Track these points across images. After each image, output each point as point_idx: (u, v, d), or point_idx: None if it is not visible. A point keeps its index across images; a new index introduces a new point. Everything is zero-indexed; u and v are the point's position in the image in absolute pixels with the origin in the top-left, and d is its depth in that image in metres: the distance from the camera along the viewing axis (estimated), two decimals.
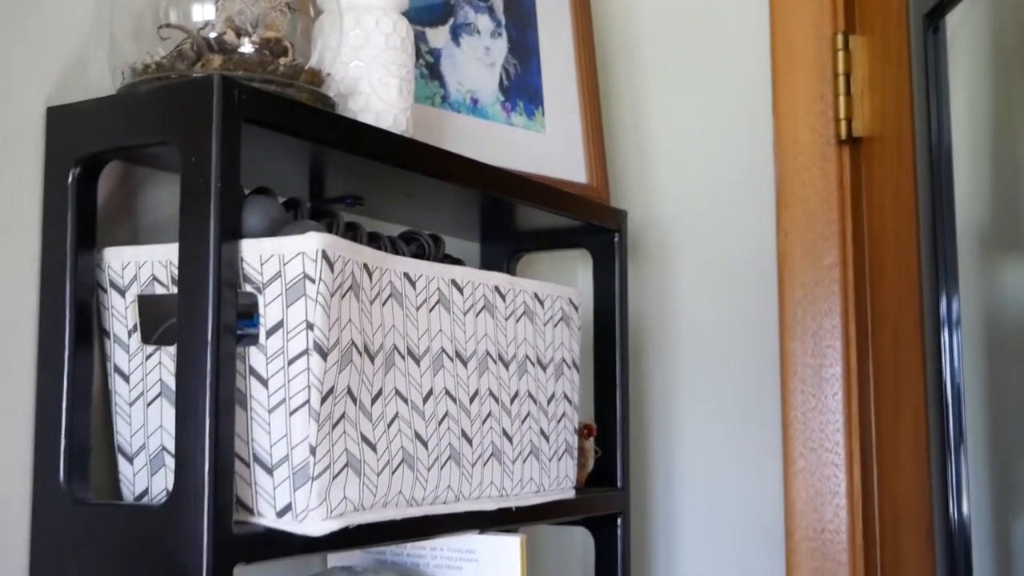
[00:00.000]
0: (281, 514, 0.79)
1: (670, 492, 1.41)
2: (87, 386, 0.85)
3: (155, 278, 0.83)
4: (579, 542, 1.41)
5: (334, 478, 0.80)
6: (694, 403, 1.42)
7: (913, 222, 1.38)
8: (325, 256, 0.78)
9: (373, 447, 0.84)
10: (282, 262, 0.78)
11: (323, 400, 0.78)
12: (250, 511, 0.80)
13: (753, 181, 1.40)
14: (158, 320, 0.84)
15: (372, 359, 0.84)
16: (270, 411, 0.79)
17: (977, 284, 1.93)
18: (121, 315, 0.85)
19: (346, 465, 0.81)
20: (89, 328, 0.85)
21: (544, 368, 1.06)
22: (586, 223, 1.20)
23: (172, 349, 0.83)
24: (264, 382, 0.79)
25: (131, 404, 0.85)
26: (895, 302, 1.39)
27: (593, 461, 1.21)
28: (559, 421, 1.08)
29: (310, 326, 0.77)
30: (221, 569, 0.75)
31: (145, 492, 0.85)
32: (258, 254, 0.79)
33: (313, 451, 0.78)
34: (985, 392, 1.90)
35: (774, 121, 1.38)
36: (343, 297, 0.80)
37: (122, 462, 0.86)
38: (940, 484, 1.51)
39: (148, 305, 0.84)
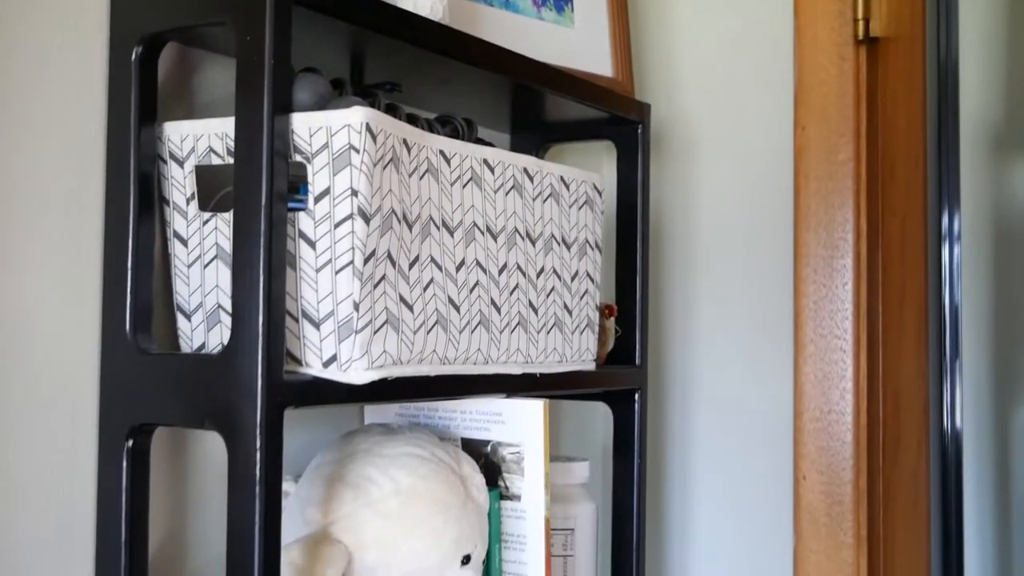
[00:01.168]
0: (327, 364, 0.87)
1: (686, 372, 1.49)
2: (149, 250, 0.93)
3: (212, 149, 0.91)
4: (599, 417, 1.50)
5: (375, 332, 0.88)
6: (711, 288, 1.49)
7: (921, 120, 1.44)
8: (369, 129, 0.85)
9: (410, 307, 0.92)
10: (329, 134, 0.85)
11: (366, 261, 0.86)
12: (298, 362, 0.88)
13: (773, 79, 1.46)
14: (214, 188, 0.91)
15: (410, 227, 0.92)
16: (317, 270, 0.86)
17: (982, 180, 1.99)
18: (180, 184, 0.93)
19: (386, 322, 0.89)
20: (151, 196, 0.93)
21: (568, 247, 1.13)
22: (611, 114, 1.27)
23: (228, 215, 0.90)
24: (312, 244, 0.86)
25: (189, 266, 0.93)
26: (904, 196, 1.45)
27: (613, 340, 1.29)
28: (582, 298, 1.16)
29: (354, 193, 0.85)
30: (273, 412, 0.83)
31: (202, 346, 0.93)
32: (307, 126, 0.86)
33: (356, 307, 0.86)
34: (986, 281, 1.96)
35: (795, 20, 1.44)
36: (384, 168, 0.88)
37: (180, 319, 0.95)
38: (936, 368, 1.59)
39: (205, 174, 0.91)
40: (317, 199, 0.86)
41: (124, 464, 0.90)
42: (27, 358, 0.90)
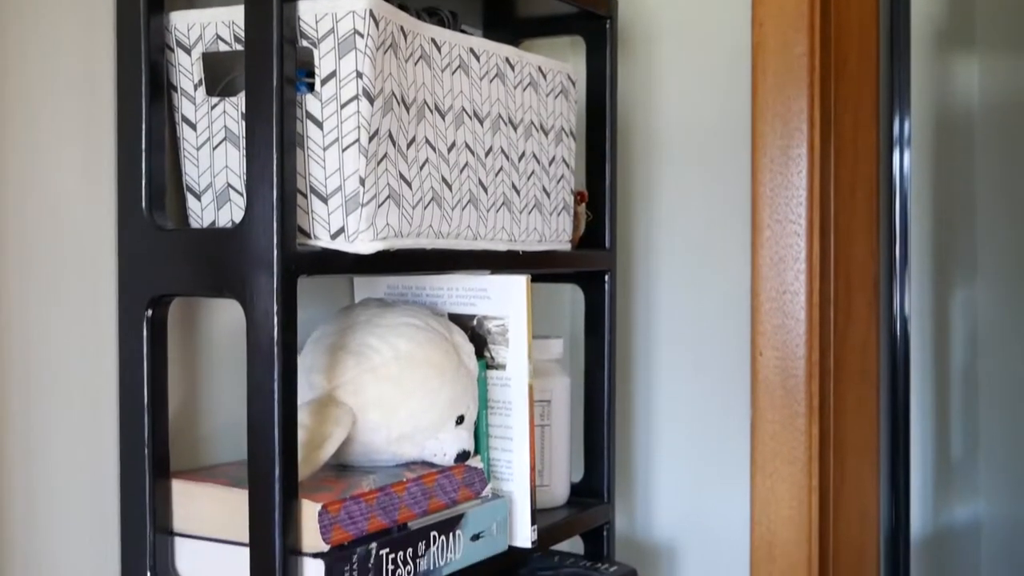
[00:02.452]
0: (335, 236, 0.94)
1: (650, 255, 1.58)
2: (161, 133, 0.98)
3: (219, 37, 0.96)
4: (567, 302, 1.59)
5: (379, 206, 0.95)
6: (673, 177, 1.57)
7: (874, 17, 1.52)
8: (372, 15, 0.91)
9: (409, 184, 0.99)
10: (335, 20, 0.91)
11: (370, 139, 0.92)
12: (308, 235, 0.95)
13: None
14: (221, 74, 0.97)
15: (407, 109, 0.99)
16: (325, 149, 0.93)
17: (930, 75, 2.08)
18: (187, 71, 0.98)
19: (388, 197, 0.96)
20: (161, 83, 0.98)
21: (546, 134, 1.21)
22: (581, 9, 1.33)
23: (235, 99, 0.96)
24: (319, 124, 0.93)
25: (198, 149, 0.99)
26: (857, 88, 1.54)
27: (585, 224, 1.37)
28: (558, 182, 1.23)
29: (359, 75, 0.91)
30: (288, 279, 0.90)
31: (212, 224, 1.00)
32: (313, 13, 0.92)
33: (362, 182, 0.93)
34: (931, 168, 2.07)
35: None
36: (385, 53, 0.94)
37: (191, 199, 1.01)
38: (887, 249, 1.69)
39: (212, 61, 0.97)
40: (324, 82, 0.92)
41: (144, 333, 0.96)
42: (48, 237, 0.96)
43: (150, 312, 0.96)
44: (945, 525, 2.05)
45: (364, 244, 0.94)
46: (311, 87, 0.93)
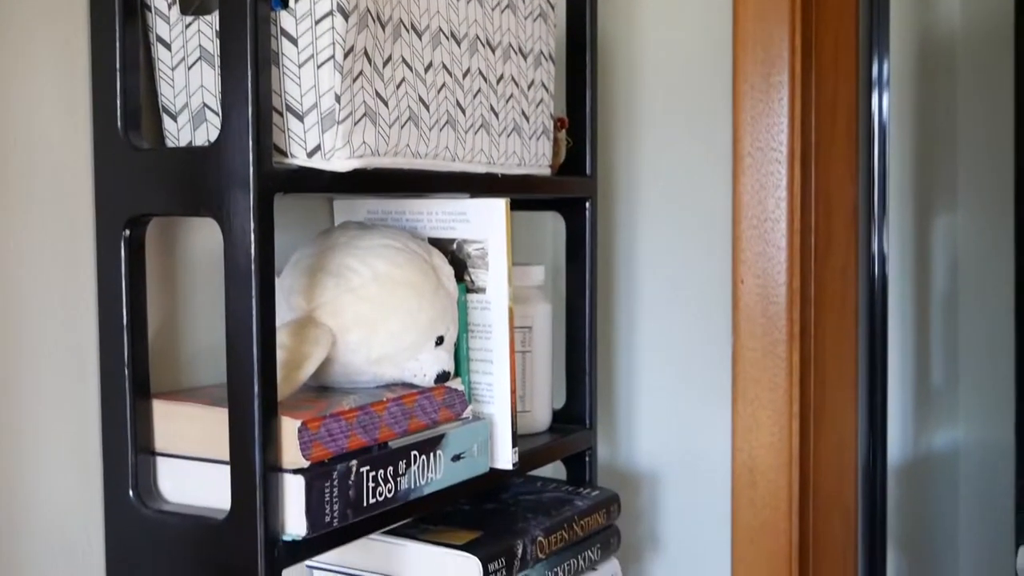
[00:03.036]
0: (311, 154, 0.94)
1: (631, 183, 1.58)
2: (135, 54, 0.98)
3: None
4: (548, 232, 1.59)
5: (355, 124, 0.95)
6: (652, 105, 1.56)
7: None
8: None
9: (385, 103, 0.99)
10: None
11: (345, 56, 0.92)
12: (284, 154, 0.95)
13: None
14: None
15: (383, 27, 0.98)
16: (300, 66, 0.92)
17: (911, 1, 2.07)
18: None
19: (364, 115, 0.96)
20: (135, 3, 0.98)
21: (525, 57, 1.20)
22: None
23: (209, 18, 0.96)
24: (294, 41, 0.92)
25: (173, 69, 0.99)
26: (837, 12, 1.53)
27: (565, 152, 1.36)
28: (537, 106, 1.23)
29: None
30: (264, 198, 0.90)
31: (189, 144, 0.99)
32: None
33: (338, 99, 0.92)
34: (912, 95, 2.06)
35: None
36: None
37: (167, 120, 1.00)
38: (867, 177, 1.70)
39: None
40: None
41: (122, 253, 0.96)
42: (23, 160, 0.95)
43: (127, 232, 0.96)
44: (924, 451, 2.07)
45: (340, 162, 0.94)
46: (285, 3, 0.92)
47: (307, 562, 1.20)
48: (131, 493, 0.97)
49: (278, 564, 0.92)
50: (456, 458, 1.10)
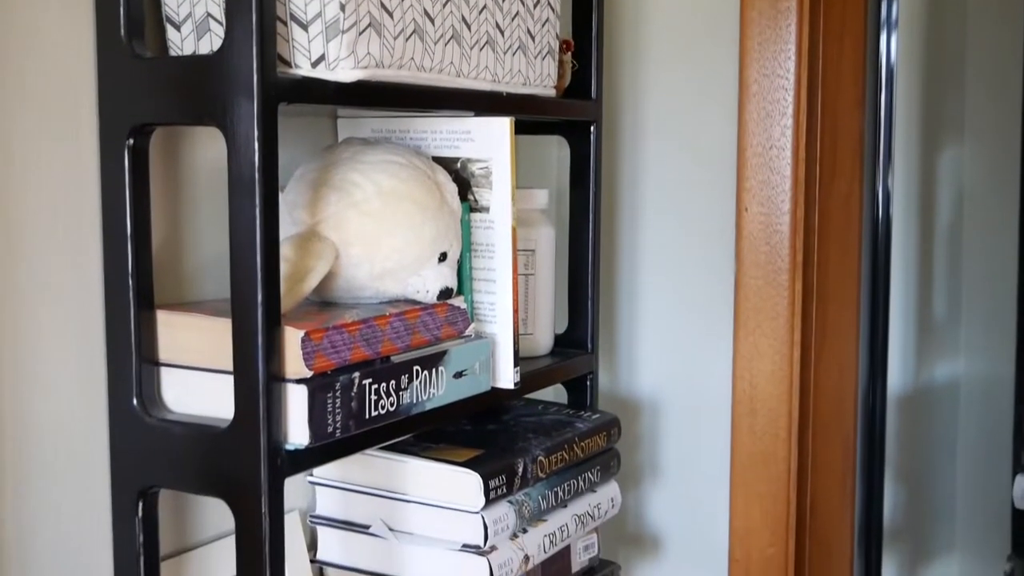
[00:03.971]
0: (315, 64, 0.93)
1: (636, 107, 1.57)
2: None
3: None
4: (552, 158, 1.58)
5: (360, 34, 0.94)
6: (660, 27, 1.55)
7: None
8: None
9: (390, 14, 0.98)
10: None
11: None
12: (288, 64, 0.94)
13: None
14: None
15: None
16: None
17: None
18: None
19: (369, 25, 0.95)
20: None
21: None
22: None
23: None
24: None
25: None
26: None
27: (570, 75, 1.36)
28: (543, 25, 1.22)
29: None
30: (269, 106, 0.89)
31: (193, 54, 0.99)
32: None
33: (343, 8, 0.92)
34: (920, 25, 2.05)
35: None
36: None
37: (170, 30, 1.00)
38: (873, 105, 1.69)
39: None
40: None
41: (126, 162, 0.96)
42: (27, 68, 0.95)
43: (131, 142, 0.96)
44: (924, 383, 2.07)
45: (345, 72, 0.93)
46: None
47: (310, 478, 1.21)
48: (135, 402, 0.98)
49: (280, 473, 0.93)
50: (458, 375, 1.11)
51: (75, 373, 1.00)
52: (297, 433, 0.94)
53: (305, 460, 0.96)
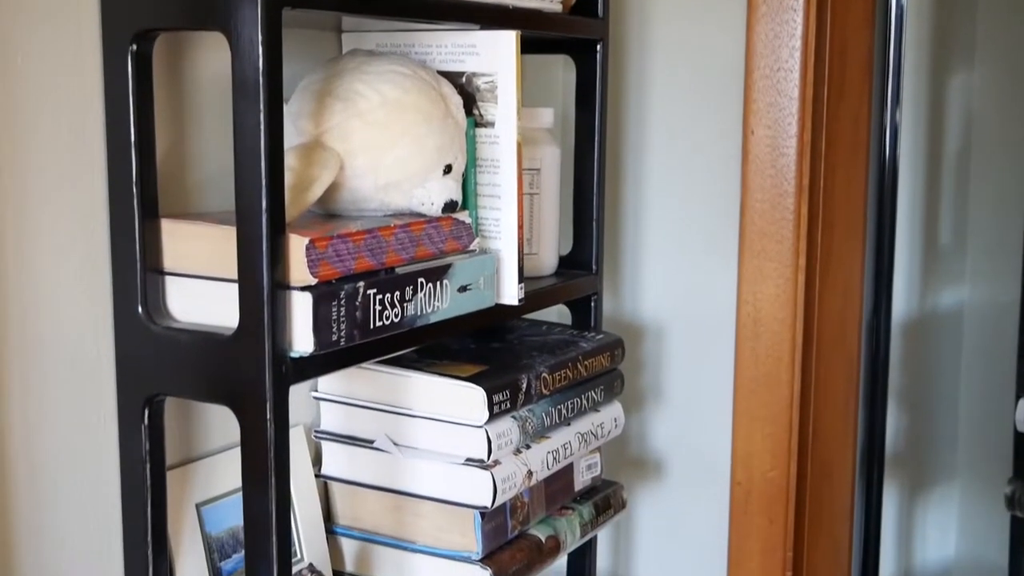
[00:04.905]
0: None
1: (643, 27, 1.56)
2: None
3: None
4: (558, 80, 1.57)
5: None
6: None
7: None
8: None
9: None
10: None
11: None
12: None
13: None
14: None
15: None
16: None
17: None
18: None
19: None
20: None
21: None
22: None
23: None
24: None
25: None
26: None
27: None
28: None
29: None
30: (273, 10, 0.88)
31: None
32: None
33: None
34: None
35: None
36: None
37: None
38: (883, 25, 1.67)
39: None
40: None
41: (129, 68, 0.95)
42: None
43: (135, 47, 0.95)
44: (929, 309, 2.07)
45: None
46: None
47: (314, 393, 1.22)
48: (140, 310, 0.98)
49: (285, 380, 0.93)
50: (463, 289, 1.11)
51: (80, 282, 1.00)
52: (302, 341, 0.94)
53: (310, 368, 0.96)
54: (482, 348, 1.28)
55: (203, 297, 0.98)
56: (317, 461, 1.23)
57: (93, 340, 1.01)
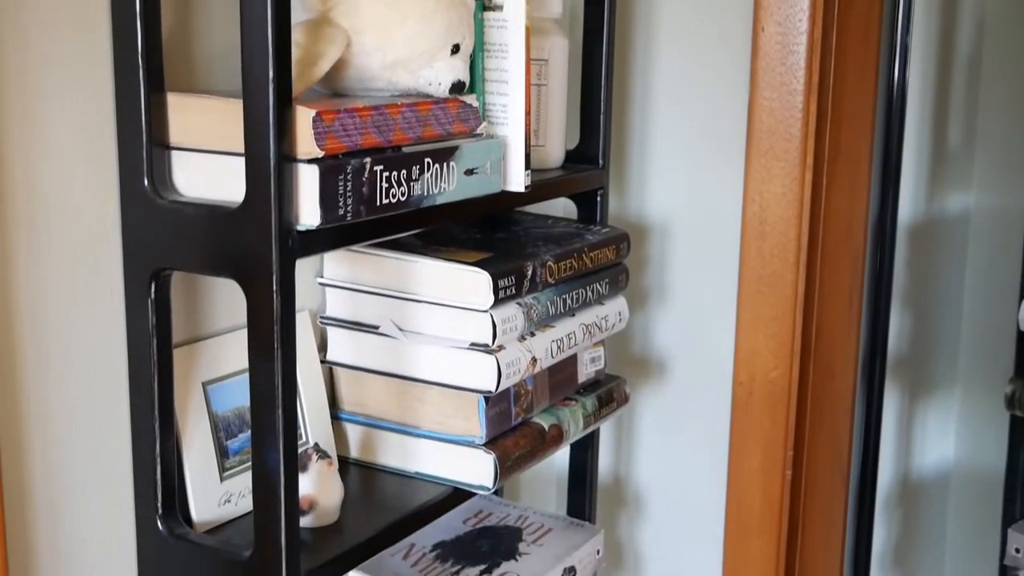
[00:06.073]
0: None
1: None
2: None
3: None
4: None
5: None
6: None
7: None
8: None
9: None
10: None
11: None
12: None
13: None
14: None
15: None
16: None
17: None
18: None
19: None
20: None
21: None
22: None
23: None
24: None
25: None
26: None
27: None
28: None
29: None
30: None
31: None
32: None
33: None
34: None
35: None
36: None
37: None
38: None
39: None
40: None
41: None
42: None
43: None
44: (936, 213, 2.07)
45: None
46: None
47: (320, 279, 1.22)
48: (146, 183, 0.98)
49: (291, 253, 0.93)
50: (469, 172, 1.10)
51: (86, 154, 1.00)
52: (308, 214, 0.94)
53: (316, 242, 0.96)
54: (488, 237, 1.28)
55: (209, 171, 0.98)
56: (323, 347, 1.24)
57: (99, 214, 1.01)
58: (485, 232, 1.31)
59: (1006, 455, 1.78)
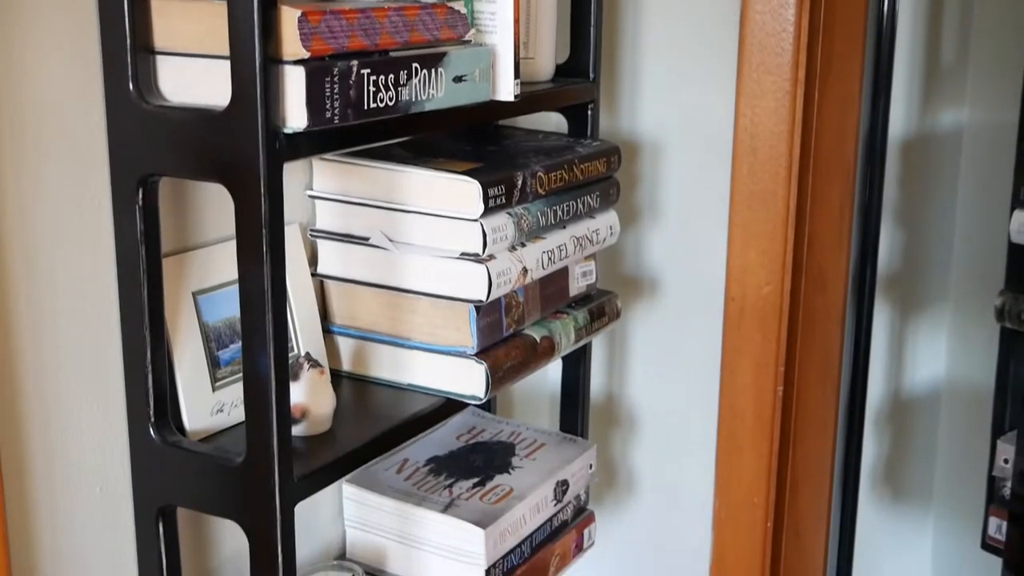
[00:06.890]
0: None
1: None
2: None
3: None
4: None
5: None
6: None
7: None
8: None
9: None
10: None
11: None
12: None
13: None
14: None
15: None
16: None
17: None
18: None
19: None
20: None
21: None
22: None
23: None
24: None
25: None
26: None
27: None
28: None
29: None
30: None
31: None
32: None
33: None
34: None
35: None
36: None
37: None
38: None
39: None
40: None
41: None
42: None
43: None
44: (928, 129, 2.06)
45: None
46: None
47: (309, 192, 1.22)
48: (131, 88, 0.97)
49: (279, 155, 0.93)
50: (458, 80, 1.10)
51: (69, 60, 0.99)
52: (295, 116, 0.93)
53: (303, 145, 0.95)
54: (478, 149, 1.28)
55: (195, 75, 0.97)
56: (313, 260, 1.24)
57: (84, 120, 1.01)
58: (476, 145, 1.30)
59: (995, 370, 1.79)
